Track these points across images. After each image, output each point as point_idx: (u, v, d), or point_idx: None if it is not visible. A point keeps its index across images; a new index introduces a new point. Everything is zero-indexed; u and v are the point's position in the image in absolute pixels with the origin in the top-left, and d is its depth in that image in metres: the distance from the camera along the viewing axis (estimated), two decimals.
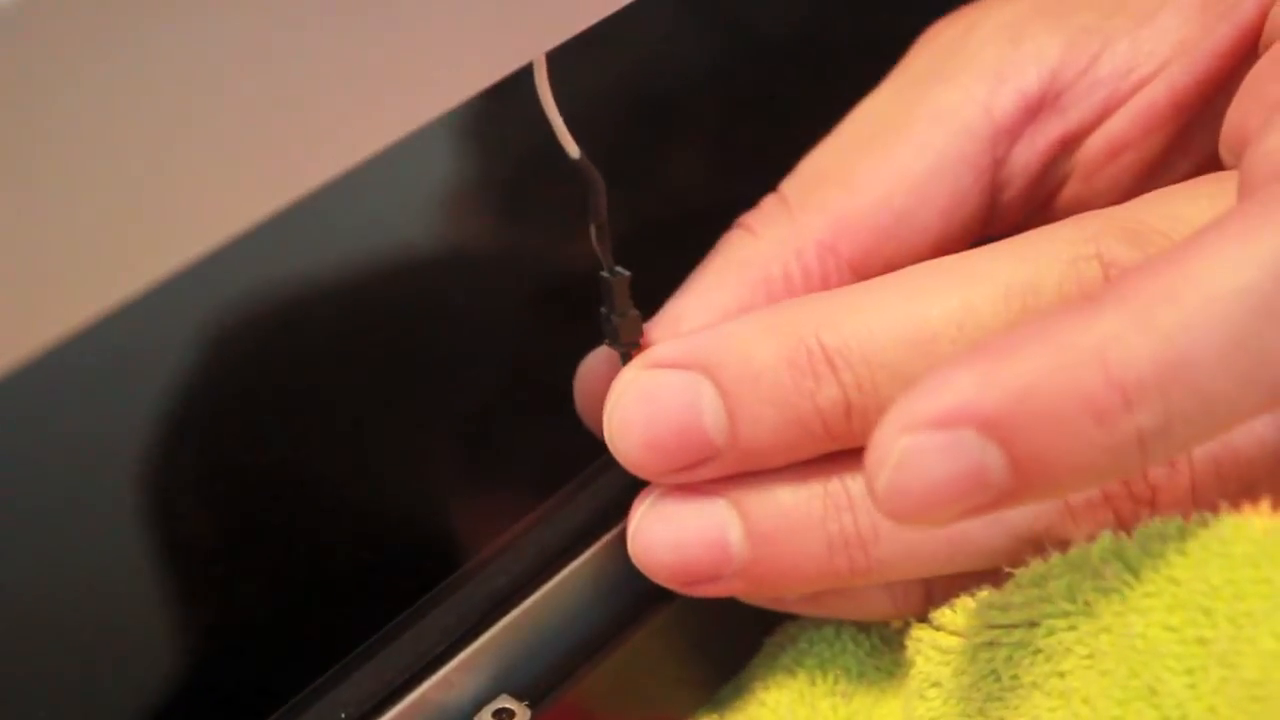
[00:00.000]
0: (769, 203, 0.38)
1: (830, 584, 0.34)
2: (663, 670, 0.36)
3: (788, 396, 0.33)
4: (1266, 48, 0.35)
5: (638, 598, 0.35)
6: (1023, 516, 0.33)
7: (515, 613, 0.34)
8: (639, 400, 0.33)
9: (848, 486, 0.34)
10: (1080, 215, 0.33)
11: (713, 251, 0.37)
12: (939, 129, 0.37)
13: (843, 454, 0.34)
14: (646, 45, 0.43)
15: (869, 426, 0.32)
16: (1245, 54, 0.36)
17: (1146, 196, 0.34)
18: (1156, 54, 0.37)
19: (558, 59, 0.31)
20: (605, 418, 0.34)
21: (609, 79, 0.42)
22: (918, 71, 0.38)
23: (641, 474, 0.34)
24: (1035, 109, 0.37)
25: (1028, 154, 0.38)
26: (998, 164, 0.37)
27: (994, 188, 0.38)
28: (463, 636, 0.33)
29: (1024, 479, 0.28)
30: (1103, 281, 0.32)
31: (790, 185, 0.38)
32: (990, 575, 0.34)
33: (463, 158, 0.41)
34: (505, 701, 0.33)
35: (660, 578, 0.34)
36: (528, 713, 0.33)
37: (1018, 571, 0.33)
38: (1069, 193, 0.38)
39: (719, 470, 0.34)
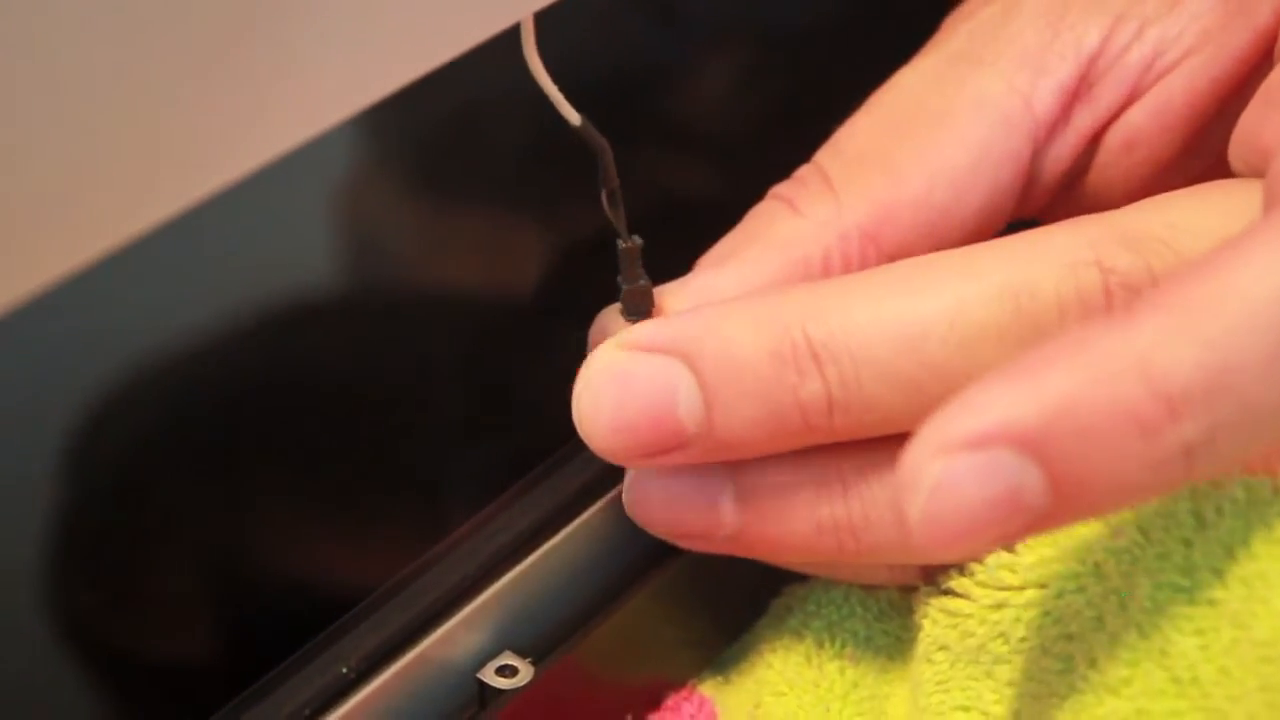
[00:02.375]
0: (810, 177, 0.37)
1: (822, 560, 0.34)
2: (667, 629, 0.36)
3: (769, 389, 0.32)
4: None
5: (642, 556, 0.35)
6: None
7: (519, 569, 0.34)
8: (611, 382, 0.32)
9: (842, 473, 0.33)
10: (1079, 219, 0.33)
11: (748, 222, 0.36)
12: (981, 121, 0.36)
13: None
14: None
15: (851, 423, 0.32)
16: (1261, 59, 0.36)
17: (1146, 202, 0.33)
18: (1181, 41, 0.36)
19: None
20: (575, 395, 0.33)
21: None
22: (956, 49, 0.37)
23: (607, 457, 0.33)
24: (1072, 101, 0.37)
25: (1061, 146, 0.37)
26: (1034, 157, 0.37)
27: (1028, 180, 0.37)
28: (466, 592, 0.33)
29: (1064, 499, 0.27)
30: (1101, 289, 0.32)
31: (831, 162, 0.37)
32: None
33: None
34: (508, 658, 0.33)
35: (652, 531, 0.34)
36: (531, 670, 0.33)
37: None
38: (1087, 183, 0.38)
39: (690, 459, 0.33)
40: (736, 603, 0.37)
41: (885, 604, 0.36)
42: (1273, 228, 0.28)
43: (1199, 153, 0.37)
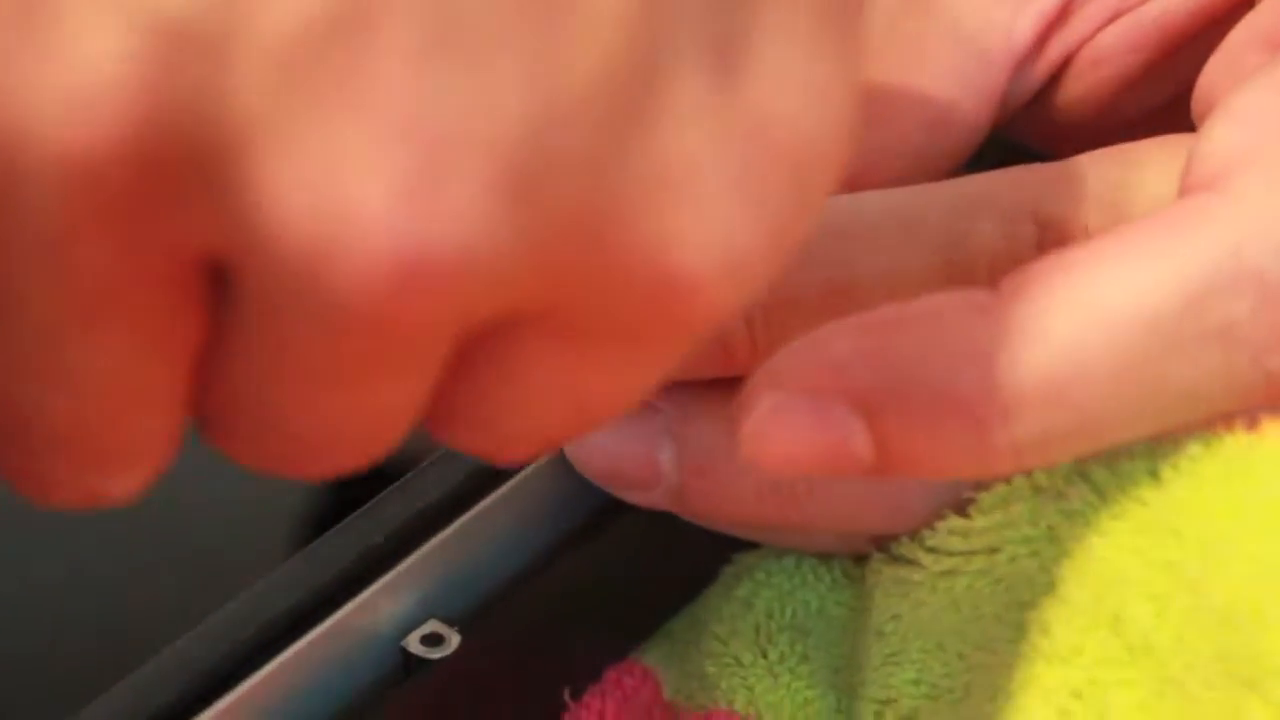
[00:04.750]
0: None
1: (767, 525, 0.33)
2: (607, 597, 0.34)
3: None
4: None
5: (582, 519, 0.33)
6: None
7: (447, 531, 0.32)
8: None
9: None
10: (1020, 170, 0.32)
11: None
12: (956, 55, 0.35)
13: None
14: None
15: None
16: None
17: (1100, 153, 0.32)
18: None
19: None
20: None
21: None
22: None
23: None
24: (1050, 29, 0.36)
25: (1033, 71, 0.36)
26: (1010, 85, 0.36)
27: (1000, 105, 0.36)
28: (389, 555, 0.31)
29: (890, 462, 0.27)
30: (1034, 244, 0.31)
31: None
32: (954, 501, 0.31)
33: None
34: (435, 626, 0.31)
35: (593, 479, 0.33)
36: (458, 638, 0.31)
37: (980, 495, 0.31)
38: (1052, 97, 0.37)
39: None
40: (683, 570, 0.35)
41: (839, 573, 0.34)
42: (1153, 231, 0.27)
43: (1170, 77, 0.36)
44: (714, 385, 0.32)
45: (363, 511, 0.32)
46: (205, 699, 0.29)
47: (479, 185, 0.20)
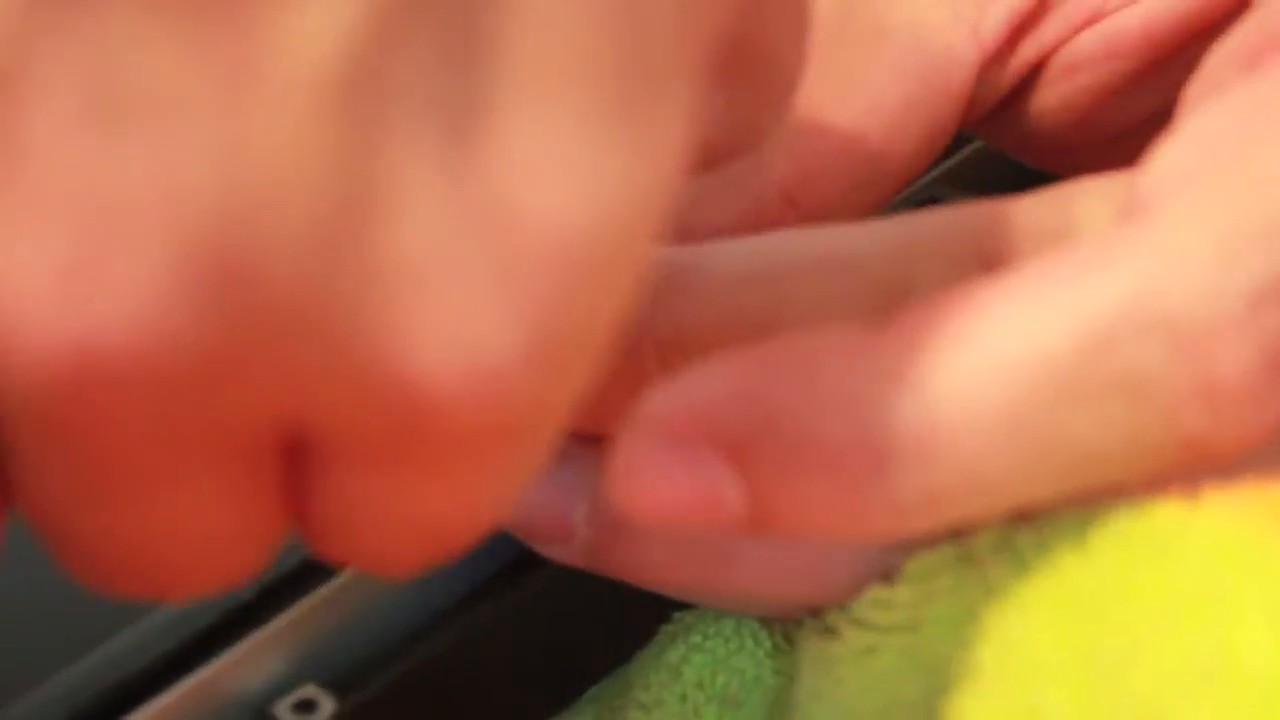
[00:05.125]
0: None
1: (687, 589, 0.29)
2: (518, 660, 0.31)
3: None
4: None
5: (488, 570, 0.30)
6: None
7: (327, 586, 0.29)
8: None
9: None
10: (965, 208, 0.28)
11: None
12: (919, 50, 0.32)
13: None
14: None
15: None
16: (1235, 7, 0.31)
17: (1062, 189, 0.28)
18: None
19: None
20: None
21: None
22: None
23: None
24: (1023, 27, 0.32)
25: (1003, 72, 0.33)
26: (977, 86, 0.32)
27: (967, 106, 0.33)
28: (260, 611, 0.29)
29: (765, 517, 0.24)
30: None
31: None
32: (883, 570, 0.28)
33: None
34: (309, 692, 0.29)
35: (508, 529, 0.30)
36: (334, 705, 0.28)
37: (906, 564, 0.27)
38: (1025, 103, 0.33)
39: None
40: (615, 629, 0.32)
41: (781, 637, 0.31)
42: (1063, 263, 0.23)
43: (1154, 90, 0.32)
44: None
45: None
46: None
47: (155, 263, 0.18)
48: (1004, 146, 0.34)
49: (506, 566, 0.30)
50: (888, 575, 0.27)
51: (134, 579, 0.22)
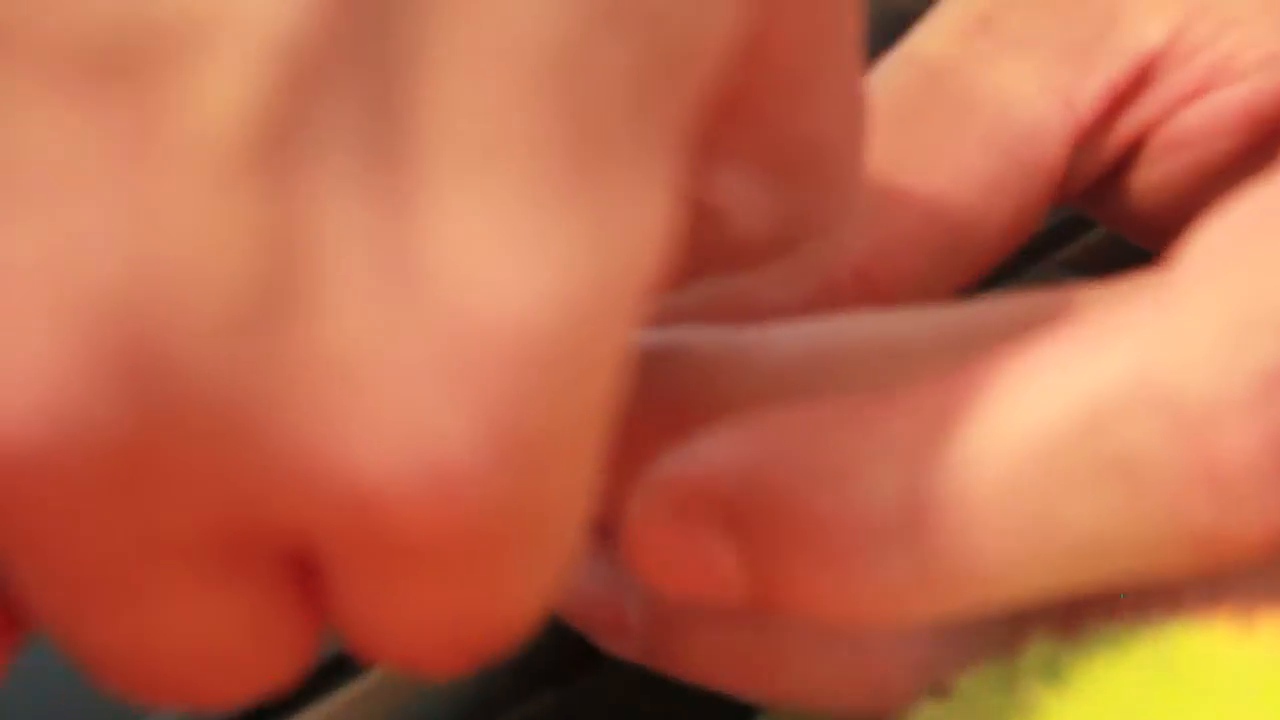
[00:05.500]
0: None
1: (738, 689, 0.28)
2: None
3: None
4: None
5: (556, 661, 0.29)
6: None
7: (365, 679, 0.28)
8: None
9: None
10: (1040, 294, 0.26)
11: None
12: (1008, 122, 0.30)
13: None
14: None
15: None
16: None
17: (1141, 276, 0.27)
18: (1263, 46, 0.29)
19: None
20: None
21: None
22: (984, 11, 0.31)
23: None
24: (1121, 102, 0.30)
25: (1101, 148, 0.31)
26: (1072, 160, 0.31)
27: (1063, 182, 0.31)
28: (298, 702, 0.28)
29: (765, 593, 0.22)
30: None
31: None
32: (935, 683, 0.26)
33: None
34: None
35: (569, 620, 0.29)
36: None
37: (958, 680, 0.25)
38: (1128, 180, 0.31)
39: None
40: None
41: None
42: (1073, 335, 0.21)
43: (1255, 168, 0.30)
44: None
45: None
46: None
47: (54, 347, 0.17)
48: (1106, 223, 0.32)
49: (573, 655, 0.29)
50: (939, 690, 0.26)
51: (158, 688, 0.21)
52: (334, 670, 0.28)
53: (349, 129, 0.17)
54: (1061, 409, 0.21)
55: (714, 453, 0.22)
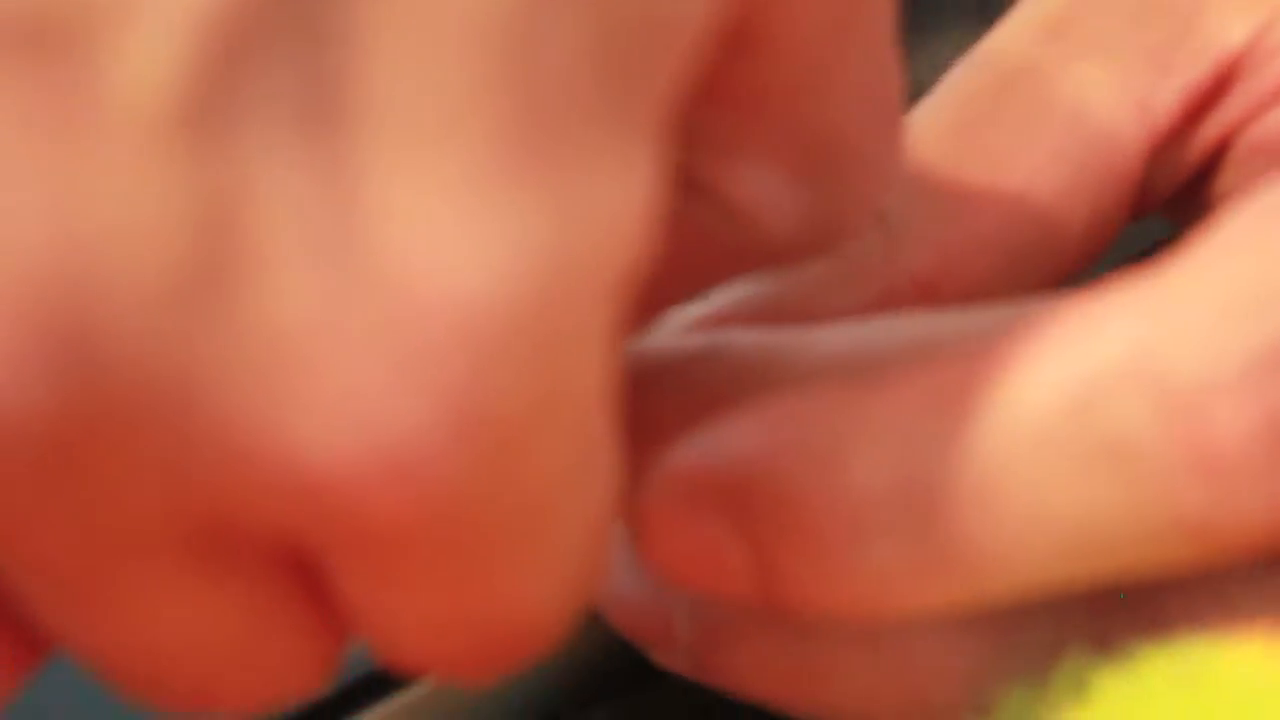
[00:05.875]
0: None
1: (784, 703, 0.27)
2: None
3: None
4: None
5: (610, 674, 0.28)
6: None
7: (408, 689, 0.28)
8: None
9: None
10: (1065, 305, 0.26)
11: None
12: (1080, 130, 0.29)
13: None
14: None
15: None
16: None
17: None
18: None
19: None
20: None
21: None
22: (1059, 13, 0.29)
23: None
24: (1201, 106, 0.29)
25: (1183, 152, 0.29)
26: (1149, 167, 0.29)
27: (1142, 190, 0.30)
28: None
29: (771, 584, 0.22)
30: None
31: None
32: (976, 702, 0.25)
33: None
34: None
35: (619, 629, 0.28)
36: None
37: (998, 699, 0.24)
38: (1211, 185, 0.30)
39: None
40: None
41: None
42: (1054, 325, 0.20)
43: None
44: None
45: None
46: None
47: None
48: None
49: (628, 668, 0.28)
50: (981, 709, 0.25)
51: (175, 692, 0.20)
52: (377, 682, 0.28)
53: (283, 99, 0.16)
54: (1053, 389, 0.20)
55: (719, 441, 0.22)
